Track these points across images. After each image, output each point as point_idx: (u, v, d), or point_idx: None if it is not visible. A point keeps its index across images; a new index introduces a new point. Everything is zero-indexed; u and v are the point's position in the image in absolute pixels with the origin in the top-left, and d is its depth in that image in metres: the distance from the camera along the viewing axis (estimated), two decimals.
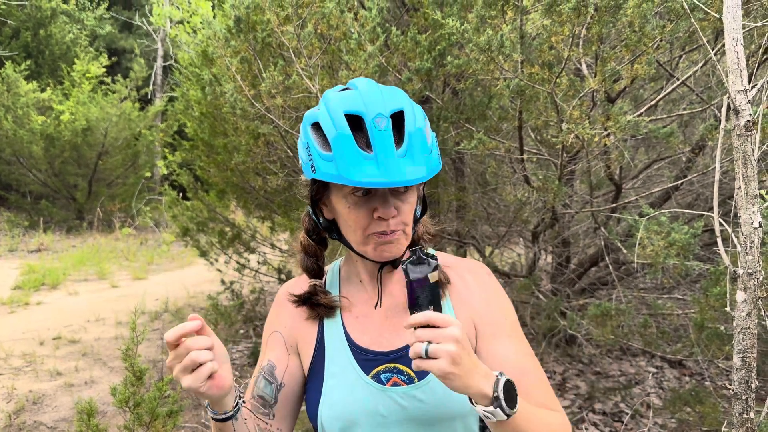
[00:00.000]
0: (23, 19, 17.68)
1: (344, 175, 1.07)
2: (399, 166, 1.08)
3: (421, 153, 1.12)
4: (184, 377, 1.01)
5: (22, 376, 5.03)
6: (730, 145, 2.12)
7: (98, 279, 9.75)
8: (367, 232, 1.18)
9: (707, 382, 4.41)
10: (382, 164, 1.07)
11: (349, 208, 1.17)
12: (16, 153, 14.66)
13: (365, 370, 1.23)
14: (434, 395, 1.19)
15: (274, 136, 3.40)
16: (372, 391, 1.21)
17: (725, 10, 1.57)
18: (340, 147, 1.09)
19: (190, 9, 13.99)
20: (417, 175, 1.09)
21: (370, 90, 1.15)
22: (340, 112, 1.11)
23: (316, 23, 2.90)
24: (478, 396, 0.99)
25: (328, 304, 1.31)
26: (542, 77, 2.47)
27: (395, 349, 1.24)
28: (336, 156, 1.09)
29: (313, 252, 1.34)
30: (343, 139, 1.08)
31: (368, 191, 1.16)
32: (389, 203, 1.15)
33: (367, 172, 1.07)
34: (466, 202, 4.15)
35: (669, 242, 2.43)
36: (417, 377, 1.21)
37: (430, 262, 1.04)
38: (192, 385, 1.01)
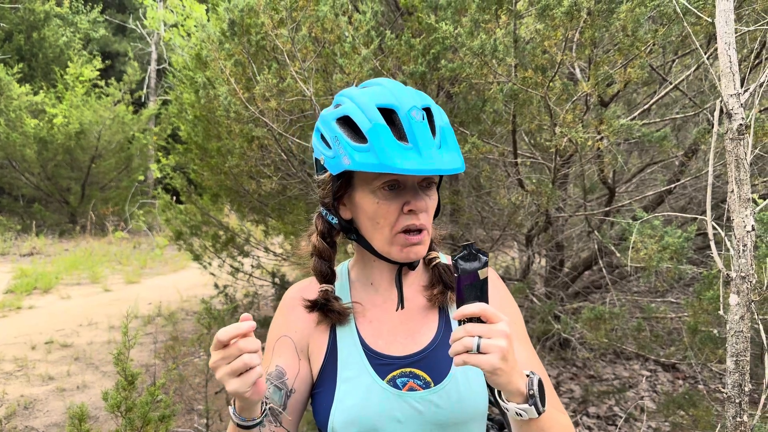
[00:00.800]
0: (16, 22, 17.62)
1: (386, 163, 1.06)
2: (439, 156, 1.09)
3: (454, 146, 1.14)
4: (231, 380, 0.99)
5: (13, 381, 4.99)
6: (723, 149, 2.13)
7: (91, 283, 9.71)
8: (396, 228, 1.17)
9: (701, 385, 4.42)
10: (423, 153, 1.07)
11: (378, 203, 1.16)
12: (9, 156, 14.61)
13: (381, 374, 1.22)
14: (450, 400, 1.19)
15: (268, 140, 3.39)
16: (388, 396, 1.20)
17: (718, 15, 1.58)
18: (378, 137, 1.08)
19: (184, 12, 13.97)
20: (455, 164, 1.10)
21: (398, 86, 1.17)
22: (372, 105, 1.11)
23: (311, 26, 2.90)
24: (515, 393, 1.00)
25: (341, 311, 1.28)
26: (535, 81, 2.47)
27: (411, 354, 1.24)
28: (375, 146, 1.08)
29: (328, 255, 1.32)
30: (381, 129, 1.08)
31: (398, 185, 1.16)
32: (421, 195, 1.16)
33: (409, 160, 1.06)
34: (460, 206, 4.15)
35: (662, 246, 2.43)
36: (433, 382, 1.21)
37: (481, 258, 1.02)
38: (239, 390, 0.99)
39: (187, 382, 4.91)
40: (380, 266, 1.30)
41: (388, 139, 1.07)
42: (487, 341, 0.95)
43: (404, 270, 1.30)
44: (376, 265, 1.31)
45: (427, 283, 1.33)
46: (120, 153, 16.32)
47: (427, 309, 1.30)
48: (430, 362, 1.23)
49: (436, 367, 1.22)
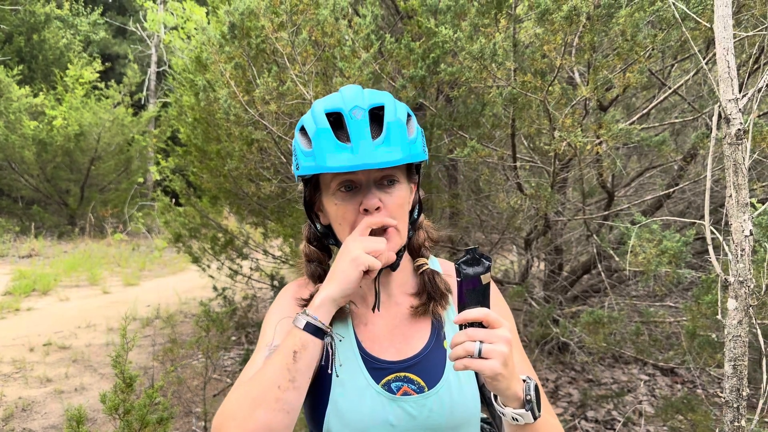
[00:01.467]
0: (16, 23, 17.64)
1: (320, 164, 1.11)
2: (374, 151, 1.11)
3: (399, 141, 1.14)
4: (365, 256, 1.12)
5: (11, 383, 4.99)
6: (722, 154, 2.13)
7: (90, 285, 9.70)
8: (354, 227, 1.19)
9: (699, 389, 4.42)
10: (356, 150, 1.10)
11: (336, 205, 1.20)
12: (8, 158, 14.61)
13: (376, 378, 1.22)
14: (443, 405, 1.19)
15: (268, 142, 3.39)
16: (382, 400, 1.20)
17: (716, 20, 1.59)
18: (318, 140, 1.13)
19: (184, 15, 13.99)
20: (391, 157, 1.11)
21: (351, 89, 1.19)
22: (321, 111, 1.16)
23: (311, 30, 2.90)
24: (512, 398, 1.02)
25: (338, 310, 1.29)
26: (535, 85, 2.48)
27: (406, 358, 1.24)
28: (315, 150, 1.13)
29: (316, 258, 1.35)
30: (321, 132, 1.13)
31: (353, 185, 1.18)
32: (372, 194, 1.17)
33: (342, 158, 1.10)
34: (459, 209, 4.16)
35: (661, 250, 2.44)
36: (427, 386, 1.21)
37: (484, 263, 1.02)
38: (372, 264, 1.12)
39: (186, 385, 4.90)
40: None
41: (327, 140, 1.12)
42: (488, 346, 0.96)
43: (386, 271, 1.29)
44: None
45: (415, 290, 1.33)
46: (119, 155, 16.33)
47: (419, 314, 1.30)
48: (424, 366, 1.23)
49: (429, 372, 1.23)
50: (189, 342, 5.84)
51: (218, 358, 5.54)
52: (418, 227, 1.35)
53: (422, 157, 1.21)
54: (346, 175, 1.17)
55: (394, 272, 1.30)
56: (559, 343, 4.71)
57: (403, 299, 1.31)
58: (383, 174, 1.19)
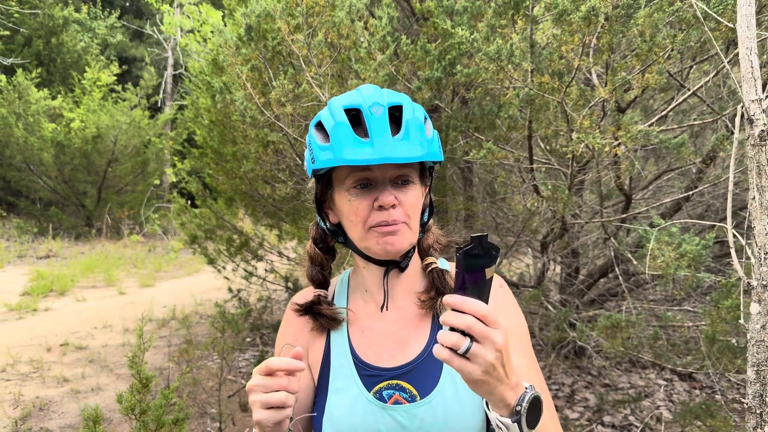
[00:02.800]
0: (35, 27, 17.88)
1: (339, 156, 1.10)
2: (393, 146, 1.09)
3: (418, 138, 1.13)
4: (261, 410, 1.00)
5: (29, 382, 5.03)
6: (743, 156, 2.10)
7: (106, 286, 9.79)
8: (368, 224, 1.17)
9: (718, 395, 4.36)
10: (376, 145, 1.09)
11: (350, 201, 1.18)
12: (27, 160, 14.80)
13: (368, 386, 1.21)
14: (435, 415, 1.15)
15: (283, 144, 3.40)
16: (373, 408, 1.18)
17: (739, 19, 1.56)
18: (337, 134, 1.12)
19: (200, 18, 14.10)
20: (411, 153, 1.10)
21: (370, 88, 1.18)
22: (339, 107, 1.15)
23: (327, 32, 2.90)
24: (499, 403, 0.93)
25: (331, 315, 1.29)
26: (552, 87, 2.46)
27: (399, 366, 1.22)
28: (333, 143, 1.12)
29: (319, 261, 1.34)
30: (340, 126, 1.12)
31: (369, 183, 1.17)
32: (389, 191, 1.15)
33: (361, 152, 1.09)
34: (474, 212, 4.14)
35: (680, 253, 2.40)
36: (420, 395, 1.18)
37: (492, 254, 0.90)
38: (263, 422, 1.00)
39: (201, 386, 4.92)
40: (371, 270, 1.29)
41: (346, 134, 1.11)
42: (477, 348, 0.87)
43: (394, 272, 1.28)
44: (367, 270, 1.30)
45: (423, 289, 1.30)
46: (136, 157, 16.48)
47: (420, 318, 1.27)
48: (417, 375, 1.20)
49: (423, 380, 1.19)
50: (204, 343, 5.87)
51: (233, 360, 5.56)
52: (428, 230, 1.34)
53: (439, 157, 1.19)
54: (363, 172, 1.16)
55: (402, 273, 1.28)
56: (576, 347, 4.67)
57: (407, 303, 1.29)
58: (399, 173, 1.17)
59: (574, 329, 3.75)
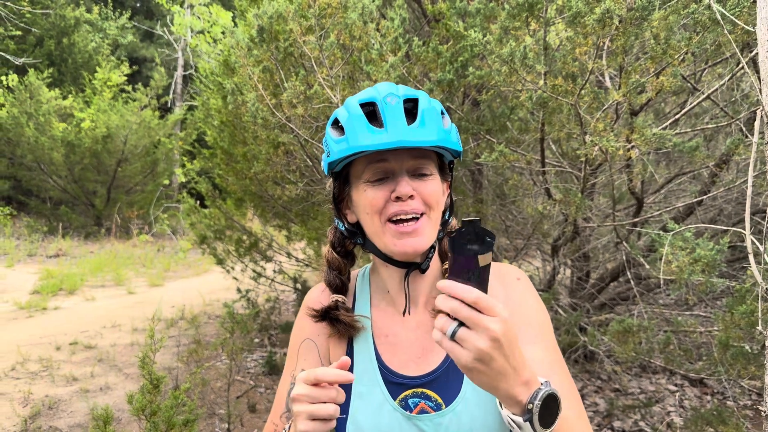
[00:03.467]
0: (47, 27, 18.01)
1: (353, 144, 1.09)
2: (409, 131, 1.09)
3: (435, 125, 1.12)
4: (306, 422, 0.98)
5: (38, 381, 5.06)
6: (757, 160, 2.08)
7: (115, 285, 9.82)
8: (384, 215, 1.15)
9: (730, 401, 4.32)
10: (390, 130, 1.08)
11: (366, 192, 1.16)
12: (37, 159, 14.90)
13: (393, 394, 1.19)
14: (460, 422, 1.13)
15: (294, 146, 3.40)
16: (398, 417, 1.16)
17: (759, 22, 1.54)
18: (351, 125, 1.12)
19: (210, 19, 14.16)
20: (426, 137, 1.09)
21: (386, 84, 1.18)
22: (355, 102, 1.15)
23: (339, 34, 2.90)
24: (508, 401, 0.89)
25: (350, 323, 1.25)
26: (566, 89, 2.44)
27: (424, 374, 1.20)
28: (347, 134, 1.12)
29: (337, 266, 1.31)
30: (355, 117, 1.12)
31: (386, 175, 1.15)
32: (406, 182, 1.13)
33: (375, 138, 1.08)
34: (484, 214, 4.12)
35: (694, 258, 2.38)
36: (444, 403, 1.16)
37: (486, 240, 0.85)
38: (324, 429, 0.98)
39: (210, 386, 4.92)
40: (390, 272, 1.26)
41: (360, 125, 1.10)
42: (466, 332, 0.83)
43: (415, 273, 1.25)
44: (387, 271, 1.27)
45: None
46: (146, 157, 16.56)
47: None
48: (441, 383, 1.18)
49: (447, 388, 1.17)
50: (213, 343, 5.88)
51: (242, 360, 5.57)
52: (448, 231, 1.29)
53: (458, 146, 1.18)
54: (379, 163, 1.14)
55: (423, 275, 1.25)
56: (586, 352, 4.64)
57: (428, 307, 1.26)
58: (416, 164, 1.15)
59: (584, 333, 3.72)
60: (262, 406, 4.52)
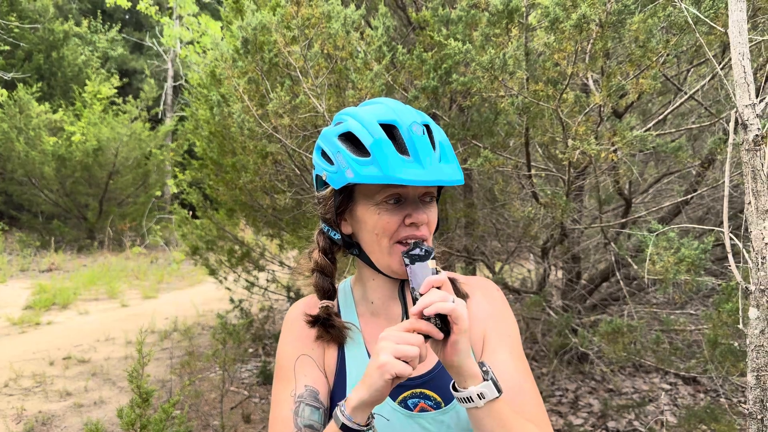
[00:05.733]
0: (36, 42, 17.97)
1: (390, 174, 1.09)
2: (440, 168, 1.12)
3: (454, 159, 1.18)
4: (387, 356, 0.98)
5: (32, 397, 5.03)
6: (740, 159, 2.10)
7: (108, 298, 9.79)
8: (394, 238, 1.17)
9: (722, 399, 4.34)
10: (425, 165, 1.10)
11: (379, 215, 1.18)
12: (28, 174, 14.84)
13: (392, 395, 1.21)
14: (460, 420, 1.18)
15: (282, 155, 3.41)
16: (400, 417, 1.19)
17: (731, 25, 1.57)
18: (380, 151, 1.11)
19: (199, 29, 14.15)
20: (456, 176, 1.14)
21: (399, 104, 1.20)
22: (374, 121, 1.14)
23: (323, 43, 2.91)
24: (469, 374, 1.01)
25: (342, 327, 1.29)
26: (547, 94, 2.46)
27: (421, 374, 1.23)
28: (378, 159, 1.10)
29: (329, 271, 1.32)
30: (384, 143, 1.11)
31: (401, 198, 1.17)
32: (421, 210, 1.17)
33: (412, 172, 1.09)
34: (474, 218, 4.14)
35: (679, 258, 2.40)
36: (444, 402, 1.20)
37: (429, 251, 1.10)
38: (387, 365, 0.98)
39: (203, 398, 4.91)
40: (380, 283, 1.29)
41: (390, 152, 1.10)
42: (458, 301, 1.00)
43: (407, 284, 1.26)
44: (375, 283, 1.30)
45: None
46: (137, 169, 16.51)
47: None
48: (438, 383, 1.22)
49: (445, 387, 1.21)
50: (206, 355, 5.86)
51: (235, 371, 5.55)
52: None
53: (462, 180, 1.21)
54: (399, 188, 1.16)
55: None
56: (579, 353, 4.65)
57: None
58: (427, 191, 1.20)
59: (576, 335, 3.73)
60: (257, 417, 4.51)
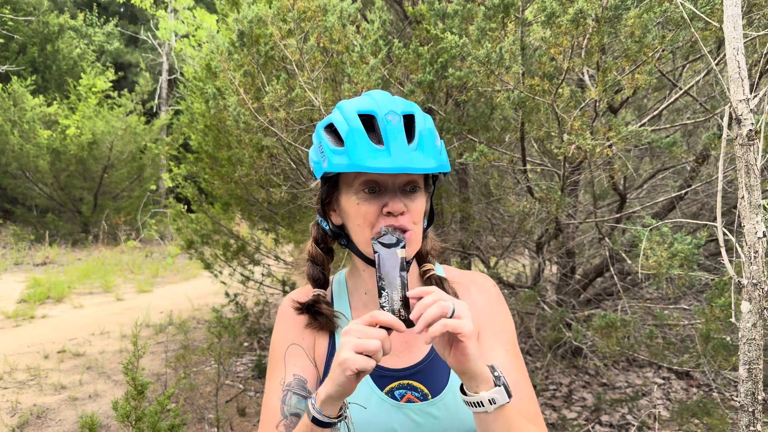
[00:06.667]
0: (30, 34, 17.84)
1: (356, 162, 1.10)
2: (410, 157, 1.11)
3: (431, 149, 1.15)
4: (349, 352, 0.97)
5: (26, 390, 5.02)
6: (734, 155, 2.11)
7: (103, 292, 9.76)
8: (375, 229, 1.17)
9: (715, 393, 4.37)
10: (393, 154, 1.10)
11: (358, 204, 1.18)
12: (23, 167, 14.77)
13: (380, 386, 1.22)
14: (448, 411, 1.19)
15: (278, 149, 3.40)
16: (387, 407, 1.20)
17: (726, 20, 1.57)
18: (352, 139, 1.12)
19: (194, 23, 14.11)
20: (427, 165, 1.12)
21: (383, 95, 1.20)
22: (353, 112, 1.16)
23: (319, 37, 2.91)
24: (481, 378, 0.99)
25: (330, 315, 1.30)
26: (543, 89, 2.46)
27: (409, 366, 1.24)
28: (348, 148, 1.12)
29: (321, 261, 1.34)
30: (356, 132, 1.12)
31: (378, 188, 1.17)
32: (399, 198, 1.16)
33: (379, 160, 1.10)
34: (470, 213, 4.14)
35: (672, 253, 2.41)
36: (431, 394, 1.21)
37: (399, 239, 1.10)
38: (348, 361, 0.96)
39: (198, 391, 4.91)
40: (371, 273, 1.30)
41: (361, 140, 1.12)
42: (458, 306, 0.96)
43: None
44: (367, 273, 1.31)
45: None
46: (132, 163, 16.45)
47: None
48: (427, 374, 1.23)
49: (433, 379, 1.22)
50: (201, 348, 5.86)
51: (230, 364, 5.56)
52: (426, 236, 1.34)
53: (448, 168, 1.21)
54: (373, 176, 1.17)
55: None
56: (572, 348, 4.67)
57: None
58: (408, 180, 1.19)
59: (570, 329, 3.75)
60: (252, 410, 4.51)
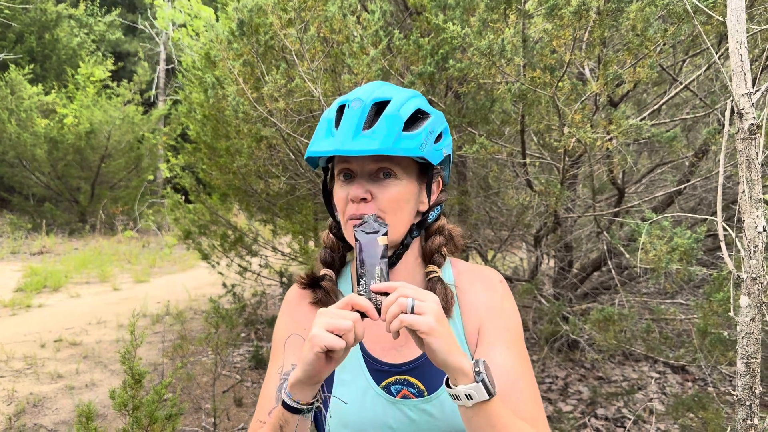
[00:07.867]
0: (27, 23, 17.72)
1: (310, 148, 1.14)
2: (352, 140, 1.09)
3: (387, 133, 1.09)
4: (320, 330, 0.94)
5: (23, 379, 5.02)
6: (734, 149, 2.11)
7: (100, 282, 9.76)
8: (345, 216, 1.18)
9: (710, 387, 4.39)
10: (337, 137, 1.11)
11: (337, 192, 1.21)
12: (20, 156, 14.72)
13: (377, 380, 1.21)
14: (443, 409, 1.17)
15: (277, 140, 3.39)
16: (382, 402, 1.19)
17: (729, 13, 1.56)
18: (320, 127, 1.16)
19: (192, 12, 14.04)
20: (366, 146, 1.08)
21: (372, 84, 1.20)
22: (337, 102, 1.18)
23: (319, 27, 2.89)
24: (458, 372, 0.96)
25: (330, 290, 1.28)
26: (544, 81, 2.46)
27: (406, 362, 1.23)
28: (314, 136, 1.17)
29: (330, 245, 1.35)
30: (326, 121, 1.15)
31: (351, 175, 1.18)
32: (361, 185, 1.15)
33: (321, 144, 1.12)
34: (468, 206, 4.14)
35: (671, 247, 2.41)
36: (427, 391, 1.19)
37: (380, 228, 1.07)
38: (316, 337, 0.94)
39: (195, 381, 4.92)
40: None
41: (323, 128, 1.15)
42: (420, 303, 0.94)
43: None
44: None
45: None
46: (130, 153, 16.41)
47: None
48: (424, 371, 1.21)
49: (430, 376, 1.20)
50: (198, 338, 5.86)
51: (227, 355, 5.56)
52: (434, 232, 1.30)
53: (415, 153, 1.11)
54: (344, 163, 1.18)
55: (394, 268, 1.27)
56: (569, 341, 4.68)
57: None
58: (379, 166, 1.15)
59: (567, 323, 3.76)
60: (249, 400, 4.52)
